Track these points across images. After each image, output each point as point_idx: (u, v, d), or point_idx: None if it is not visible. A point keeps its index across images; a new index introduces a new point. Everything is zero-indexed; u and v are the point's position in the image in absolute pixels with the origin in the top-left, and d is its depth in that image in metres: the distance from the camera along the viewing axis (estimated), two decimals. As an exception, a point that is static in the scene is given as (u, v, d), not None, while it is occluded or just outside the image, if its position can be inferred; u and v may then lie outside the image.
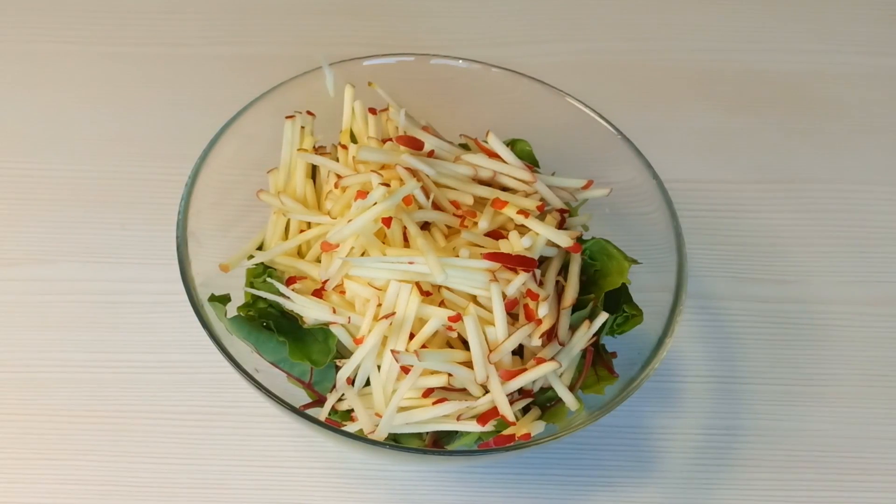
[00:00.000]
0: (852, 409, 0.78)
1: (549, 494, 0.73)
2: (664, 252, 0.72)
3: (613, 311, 0.70)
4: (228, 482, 0.72)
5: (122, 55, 0.97)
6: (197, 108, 0.92)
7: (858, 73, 1.01)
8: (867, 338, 0.82)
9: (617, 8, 1.06)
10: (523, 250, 0.67)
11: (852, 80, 1.00)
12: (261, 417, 0.75)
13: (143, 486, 0.72)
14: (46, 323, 0.79)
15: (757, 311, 0.83)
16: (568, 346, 0.68)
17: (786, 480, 0.75)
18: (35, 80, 0.95)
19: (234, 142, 0.74)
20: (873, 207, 0.91)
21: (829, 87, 1.00)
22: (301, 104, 0.76)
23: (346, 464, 0.74)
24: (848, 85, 1.00)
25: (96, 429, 0.74)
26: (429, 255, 0.64)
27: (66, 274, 0.82)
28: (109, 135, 0.91)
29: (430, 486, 0.73)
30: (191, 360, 0.77)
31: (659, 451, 0.76)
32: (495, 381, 0.64)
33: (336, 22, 1.01)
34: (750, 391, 0.79)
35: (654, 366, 0.66)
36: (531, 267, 0.66)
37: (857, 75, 1.01)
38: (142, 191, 0.86)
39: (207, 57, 0.97)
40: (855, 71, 1.01)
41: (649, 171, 0.74)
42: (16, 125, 0.91)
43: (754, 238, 0.88)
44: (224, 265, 0.71)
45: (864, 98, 0.99)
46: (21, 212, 0.85)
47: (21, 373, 0.76)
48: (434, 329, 0.65)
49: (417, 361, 0.63)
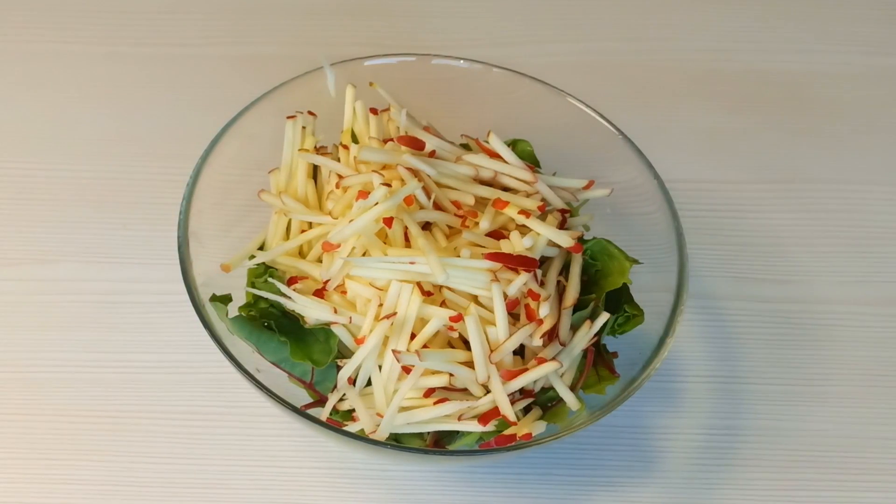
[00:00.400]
0: (853, 408, 0.78)
1: (551, 494, 0.73)
2: (665, 252, 0.72)
3: (614, 311, 0.70)
4: (229, 482, 0.72)
5: (123, 55, 0.97)
6: (198, 108, 0.92)
7: (859, 73, 1.01)
8: (868, 338, 0.82)
9: (618, 8, 1.06)
10: (524, 250, 0.67)
11: (853, 80, 1.00)
12: (262, 417, 0.75)
13: (145, 485, 0.72)
14: (48, 323, 0.79)
15: (758, 311, 0.83)
16: (569, 347, 0.68)
17: (787, 480, 0.75)
18: (37, 80, 0.95)
19: (235, 142, 0.74)
20: (874, 207, 0.91)
21: (830, 87, 1.00)
22: (302, 104, 0.76)
23: (348, 464, 0.74)
24: (849, 85, 1.00)
25: (97, 429, 0.74)
26: (430, 255, 0.64)
27: (68, 274, 0.82)
28: (111, 135, 0.91)
29: (431, 486, 0.73)
30: (192, 360, 0.77)
31: (660, 451, 0.76)
32: (496, 382, 0.64)
33: (337, 22, 1.01)
34: (751, 391, 0.79)
35: (656, 366, 0.66)
36: (532, 267, 0.66)
37: (858, 75, 1.01)
38: (143, 191, 0.87)
39: (209, 57, 0.97)
40: (856, 71, 1.01)
41: (650, 171, 0.74)
42: (17, 125, 0.91)
43: (755, 238, 0.88)
44: (225, 265, 0.71)
45: (865, 98, 0.99)
46: (22, 212, 0.85)
47: (22, 372, 0.76)
48: (435, 329, 0.65)
49: (419, 361, 0.63)
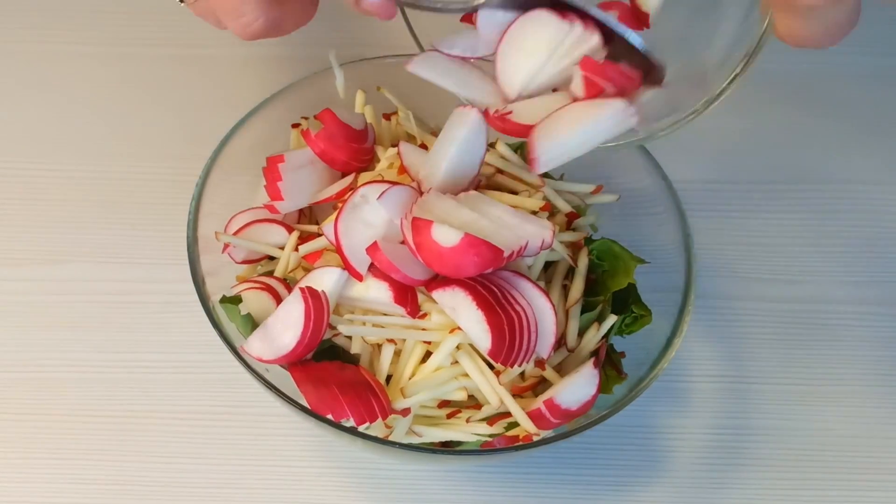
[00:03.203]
0: (862, 408, 0.78)
1: (559, 494, 0.74)
2: (673, 252, 0.72)
3: (622, 311, 0.70)
4: (239, 481, 0.73)
5: (134, 56, 0.97)
6: (208, 108, 0.93)
7: (867, 73, 1.01)
8: (877, 338, 0.82)
9: (626, 8, 1.06)
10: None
11: (861, 81, 1.00)
12: (272, 417, 0.75)
13: (155, 485, 0.72)
14: (58, 323, 0.79)
15: (766, 311, 0.83)
16: (576, 353, 0.68)
17: (795, 480, 0.75)
18: (47, 81, 0.95)
19: (244, 142, 0.74)
20: (882, 208, 0.91)
21: (838, 88, 1.00)
22: (311, 105, 0.76)
23: (357, 463, 0.74)
24: (857, 85, 1.00)
25: (108, 428, 0.74)
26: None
27: (78, 274, 0.82)
28: (120, 135, 0.91)
29: (440, 486, 0.73)
30: (202, 359, 0.78)
31: (668, 451, 0.76)
32: (510, 400, 0.64)
33: (346, 23, 1.01)
34: (759, 391, 0.79)
35: (663, 366, 0.66)
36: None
37: (866, 76, 1.01)
38: (153, 191, 0.87)
39: (219, 58, 0.97)
40: (864, 71, 1.01)
41: (658, 171, 0.75)
42: (28, 126, 0.91)
43: (763, 238, 0.88)
44: (241, 277, 0.71)
45: (873, 98, 0.99)
46: (32, 212, 0.85)
47: (33, 373, 0.77)
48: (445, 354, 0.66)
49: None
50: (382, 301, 0.64)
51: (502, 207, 0.65)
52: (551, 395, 0.64)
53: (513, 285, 0.65)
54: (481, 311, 0.62)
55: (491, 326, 0.62)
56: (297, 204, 0.71)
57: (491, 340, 0.62)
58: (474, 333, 0.62)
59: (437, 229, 0.62)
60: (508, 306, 0.63)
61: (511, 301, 0.64)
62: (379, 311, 0.65)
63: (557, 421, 0.64)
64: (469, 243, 0.61)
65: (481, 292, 0.63)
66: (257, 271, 0.73)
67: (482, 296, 0.63)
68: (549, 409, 0.64)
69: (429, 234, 0.62)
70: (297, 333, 0.63)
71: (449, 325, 0.64)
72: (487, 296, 0.63)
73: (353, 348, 0.66)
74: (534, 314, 0.64)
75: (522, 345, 0.63)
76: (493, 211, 0.65)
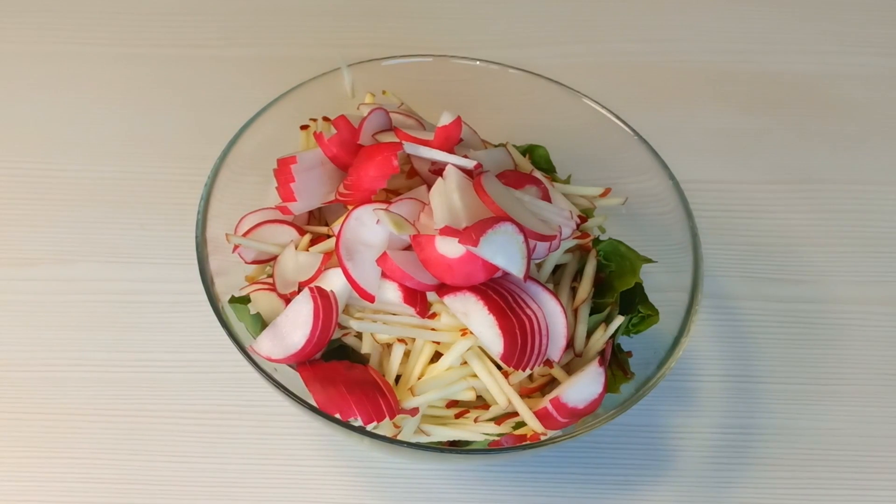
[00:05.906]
0: (868, 408, 0.79)
1: (566, 493, 0.74)
2: (680, 252, 0.72)
3: (629, 311, 0.70)
4: (247, 480, 0.73)
5: (142, 57, 0.98)
6: (216, 109, 0.93)
7: (873, 74, 1.01)
8: (882, 337, 0.82)
9: (633, 10, 1.06)
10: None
11: (867, 82, 1.00)
12: (280, 416, 0.75)
13: (163, 484, 0.72)
14: (67, 322, 0.79)
15: (772, 311, 0.83)
16: (584, 355, 0.68)
17: (801, 479, 0.75)
18: (55, 81, 0.95)
19: (253, 142, 0.74)
20: (888, 208, 0.91)
21: (845, 89, 1.00)
22: (319, 105, 0.77)
23: (365, 462, 0.74)
24: (863, 86, 1.00)
25: (116, 427, 0.75)
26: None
27: (87, 274, 0.82)
28: (129, 136, 0.91)
29: (448, 485, 0.73)
30: (210, 359, 0.78)
31: (675, 450, 0.76)
32: (518, 401, 0.65)
33: (354, 23, 1.01)
34: (765, 390, 0.79)
35: (670, 365, 0.66)
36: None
37: (872, 76, 1.01)
38: (161, 191, 0.87)
39: (227, 58, 0.98)
40: (870, 72, 1.01)
41: (665, 171, 0.75)
42: (37, 126, 0.92)
43: (770, 238, 0.88)
44: (250, 277, 0.72)
45: (879, 99, 0.99)
46: (42, 212, 0.86)
47: (42, 372, 0.77)
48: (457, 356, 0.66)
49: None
50: (392, 301, 0.65)
51: (527, 197, 0.66)
52: (558, 393, 0.64)
53: (523, 289, 0.65)
54: (493, 316, 0.62)
55: (503, 331, 0.62)
56: (310, 205, 0.71)
57: (503, 345, 0.62)
58: (486, 338, 0.63)
59: (441, 242, 0.62)
60: (519, 310, 0.63)
61: (522, 305, 0.64)
62: (388, 312, 0.66)
63: (565, 420, 0.64)
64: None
65: (492, 297, 0.63)
66: (266, 272, 0.73)
67: (493, 300, 0.63)
68: (556, 408, 0.64)
69: (434, 249, 0.62)
70: (306, 332, 0.63)
71: (459, 326, 0.64)
72: (499, 300, 0.63)
73: (364, 348, 0.66)
74: (544, 317, 0.64)
75: (534, 348, 0.63)
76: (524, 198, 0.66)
